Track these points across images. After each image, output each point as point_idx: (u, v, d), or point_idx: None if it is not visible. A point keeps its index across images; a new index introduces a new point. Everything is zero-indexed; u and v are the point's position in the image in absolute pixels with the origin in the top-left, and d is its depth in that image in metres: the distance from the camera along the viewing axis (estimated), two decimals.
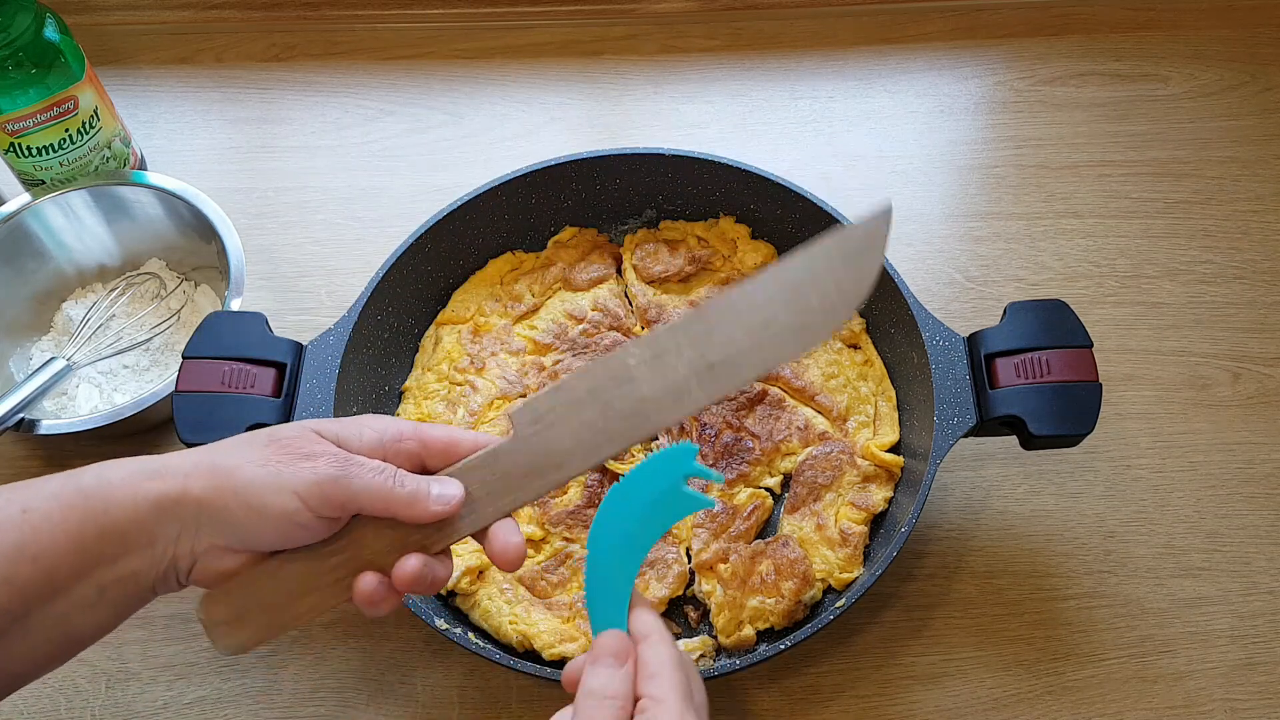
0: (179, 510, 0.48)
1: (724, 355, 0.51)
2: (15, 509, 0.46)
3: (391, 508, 0.50)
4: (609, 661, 0.48)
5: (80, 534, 0.46)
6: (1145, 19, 1.03)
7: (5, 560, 0.45)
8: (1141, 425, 0.79)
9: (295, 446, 0.49)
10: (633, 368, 0.52)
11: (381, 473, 0.50)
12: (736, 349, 0.51)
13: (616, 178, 0.81)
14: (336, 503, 0.49)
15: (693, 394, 0.51)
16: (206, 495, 0.48)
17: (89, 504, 0.47)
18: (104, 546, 0.47)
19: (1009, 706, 0.68)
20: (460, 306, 0.80)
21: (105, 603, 0.48)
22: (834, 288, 0.50)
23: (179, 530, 0.48)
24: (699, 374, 0.51)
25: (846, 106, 0.98)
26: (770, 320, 0.50)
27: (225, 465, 0.48)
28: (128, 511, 0.47)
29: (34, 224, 0.82)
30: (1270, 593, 0.72)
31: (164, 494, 0.47)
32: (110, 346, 0.80)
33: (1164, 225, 0.90)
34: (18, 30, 0.75)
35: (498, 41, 1.03)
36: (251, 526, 0.48)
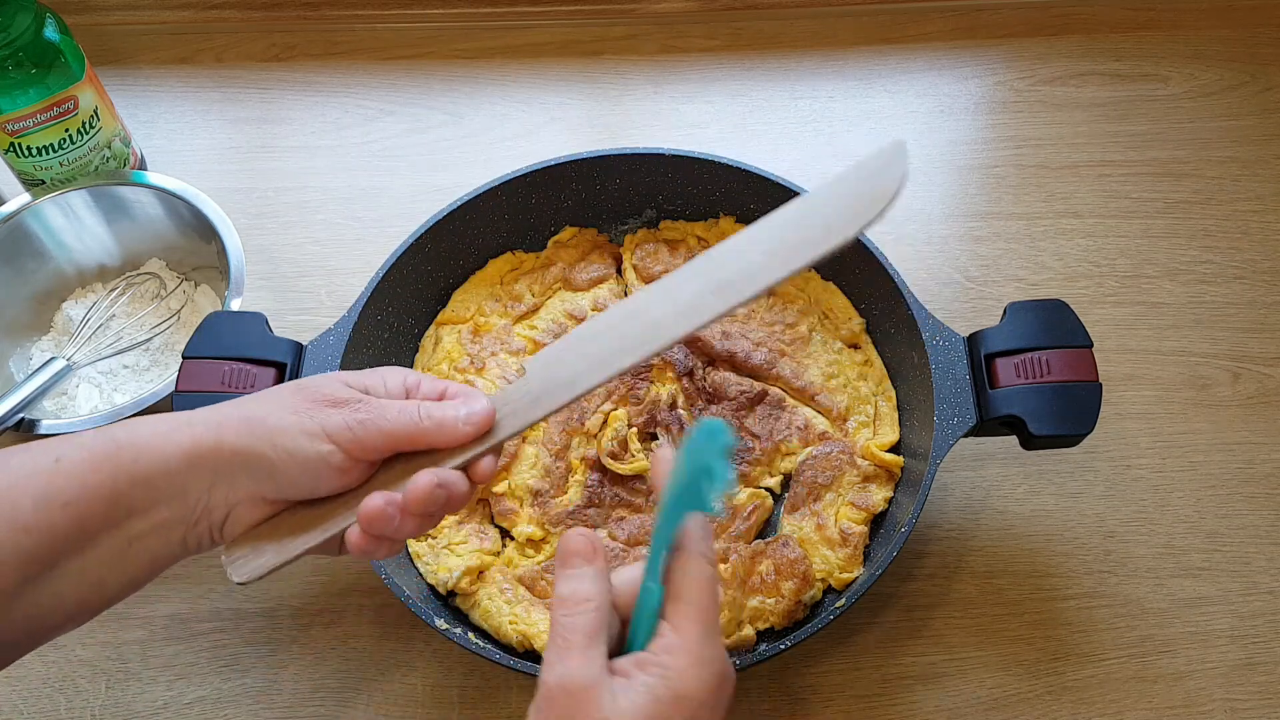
0: (213, 460, 0.48)
1: (736, 272, 0.50)
2: (49, 458, 0.47)
3: (424, 438, 0.50)
4: (575, 562, 0.46)
5: (112, 483, 0.47)
6: (1145, 19, 1.03)
7: (36, 506, 0.45)
8: (1141, 425, 0.79)
9: (324, 394, 0.50)
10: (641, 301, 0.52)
11: (407, 407, 0.50)
12: (748, 265, 0.50)
13: (616, 178, 0.81)
14: (369, 443, 0.49)
15: (707, 304, 0.50)
16: (241, 443, 0.48)
17: (120, 453, 0.47)
18: (135, 495, 0.47)
19: (1009, 706, 0.68)
20: (460, 306, 0.80)
21: (135, 555, 0.48)
22: (847, 205, 0.48)
23: (212, 480, 0.48)
24: (711, 289, 0.50)
25: (846, 106, 0.98)
26: (783, 238, 0.50)
27: (257, 414, 0.49)
28: (159, 461, 0.47)
29: (34, 224, 0.82)
30: (1270, 593, 0.72)
31: (196, 443, 0.48)
32: (110, 346, 0.80)
33: (1164, 225, 0.90)
34: (18, 30, 0.75)
35: (498, 41, 1.03)
36: (287, 472, 0.49)
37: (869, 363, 0.77)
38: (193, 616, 0.72)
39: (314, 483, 0.49)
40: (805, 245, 0.48)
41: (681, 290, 0.51)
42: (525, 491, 0.72)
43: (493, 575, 0.69)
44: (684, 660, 0.43)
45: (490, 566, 0.70)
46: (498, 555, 0.71)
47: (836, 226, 0.48)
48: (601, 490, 0.72)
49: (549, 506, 0.72)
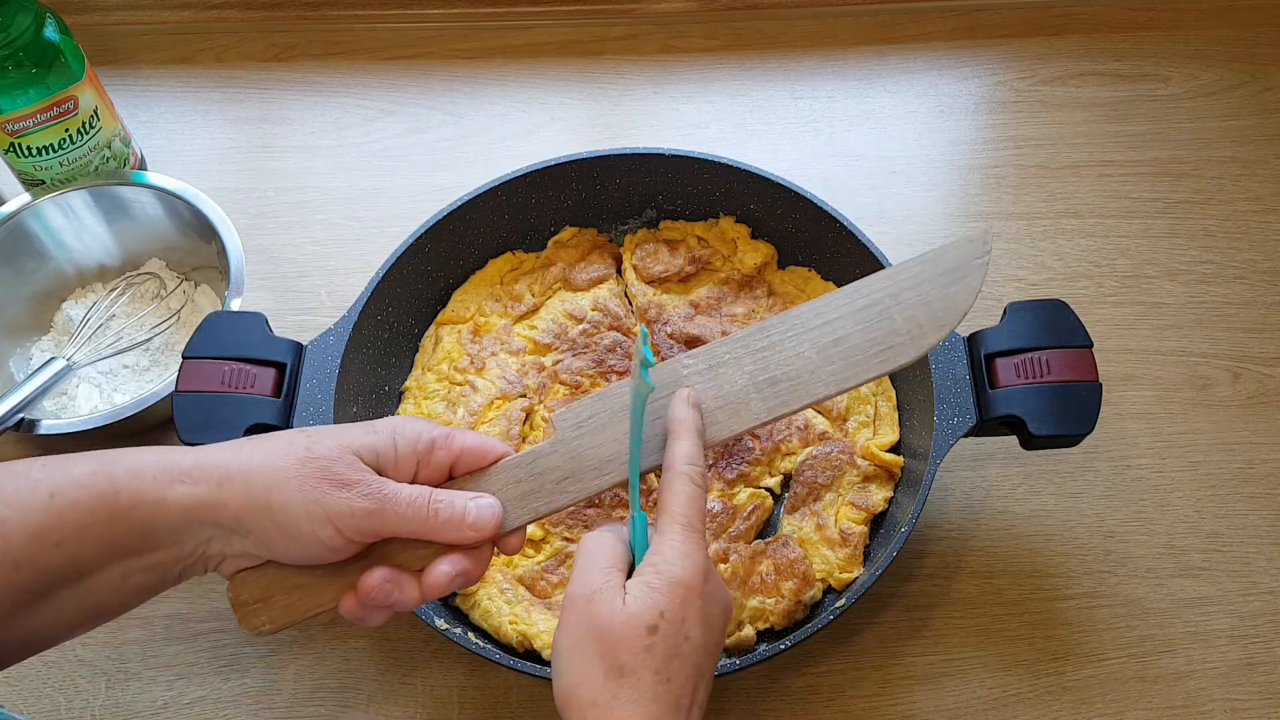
0: (213, 518, 0.48)
1: (788, 371, 0.48)
2: (43, 492, 0.46)
3: (428, 534, 0.50)
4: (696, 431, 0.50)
5: (107, 527, 0.46)
6: (1145, 19, 1.03)
7: (29, 543, 0.45)
8: (1141, 425, 0.79)
9: (334, 472, 0.48)
10: (685, 376, 0.50)
11: (415, 501, 0.50)
12: (803, 364, 0.48)
13: (616, 178, 0.81)
14: (372, 533, 0.49)
15: (751, 407, 0.49)
16: (241, 510, 0.47)
17: (118, 498, 0.47)
18: (130, 541, 0.47)
19: (1009, 706, 0.68)
20: (460, 306, 0.80)
21: (130, 586, 0.48)
22: (923, 308, 0.46)
23: (210, 534, 0.48)
24: (759, 386, 0.48)
25: (846, 106, 0.98)
26: (842, 338, 0.47)
27: (260, 482, 0.48)
28: (157, 513, 0.47)
29: (34, 224, 0.82)
30: (1270, 593, 0.72)
31: (196, 501, 0.47)
32: (110, 346, 0.80)
33: (1164, 225, 0.90)
34: (18, 30, 0.75)
35: (498, 41, 1.03)
36: (282, 546, 0.49)
37: None
38: (193, 616, 0.72)
39: (309, 558, 0.49)
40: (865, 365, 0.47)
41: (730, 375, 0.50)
42: None
43: (493, 575, 0.69)
44: (670, 554, 0.48)
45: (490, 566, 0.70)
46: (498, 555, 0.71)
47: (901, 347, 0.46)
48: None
49: None
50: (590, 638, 0.47)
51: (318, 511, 0.47)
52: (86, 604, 0.48)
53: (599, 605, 0.48)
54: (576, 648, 0.47)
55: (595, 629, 0.47)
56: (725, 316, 0.79)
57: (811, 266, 0.81)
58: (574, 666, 0.47)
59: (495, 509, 0.52)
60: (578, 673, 0.47)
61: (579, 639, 0.47)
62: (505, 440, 0.73)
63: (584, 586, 0.49)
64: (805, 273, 0.81)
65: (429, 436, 0.52)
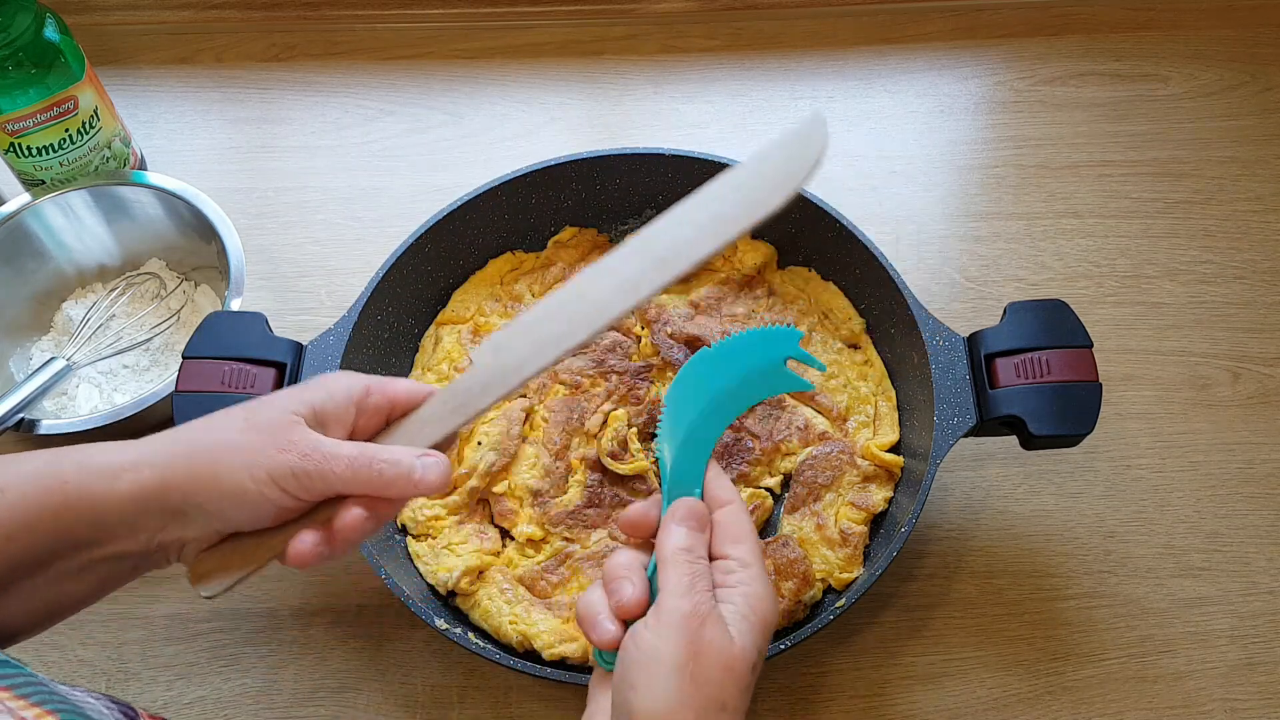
0: (160, 503, 0.48)
1: (671, 248, 0.51)
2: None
3: (375, 492, 0.50)
4: (694, 525, 0.52)
5: (55, 520, 0.47)
6: (1145, 19, 1.03)
7: None
8: (1141, 425, 0.79)
9: (273, 432, 0.49)
10: (583, 282, 0.53)
11: (356, 462, 0.49)
12: (682, 240, 0.51)
13: (616, 178, 0.81)
14: (318, 492, 0.49)
15: (646, 279, 0.51)
16: (186, 487, 0.48)
17: (66, 490, 0.47)
18: (82, 533, 0.47)
19: (1009, 706, 0.68)
20: (460, 306, 0.80)
21: (89, 580, 0.49)
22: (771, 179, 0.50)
23: (163, 520, 0.48)
24: (650, 266, 0.51)
25: (846, 106, 0.98)
26: (713, 213, 0.51)
27: (204, 458, 0.48)
28: (107, 502, 0.47)
29: (34, 224, 0.82)
30: (1270, 593, 0.72)
31: (143, 488, 0.47)
32: (110, 346, 0.80)
33: (1164, 225, 0.90)
34: (18, 30, 0.75)
35: (498, 41, 1.03)
36: (235, 514, 0.49)
37: (869, 363, 0.77)
38: (193, 616, 0.72)
39: (261, 520, 0.49)
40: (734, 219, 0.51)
41: (622, 268, 0.52)
42: (525, 491, 0.72)
43: (493, 575, 0.69)
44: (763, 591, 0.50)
45: (490, 566, 0.70)
46: (498, 555, 0.71)
47: (762, 200, 0.50)
48: (601, 490, 0.72)
49: (549, 506, 0.72)
50: (699, 663, 0.46)
51: (261, 475, 0.48)
52: (47, 598, 0.48)
53: (711, 632, 0.47)
54: (684, 669, 0.46)
55: (707, 657, 0.47)
56: (725, 316, 0.79)
57: (811, 266, 0.81)
58: (678, 688, 0.46)
59: (442, 464, 0.52)
60: (677, 694, 0.46)
61: (687, 660, 0.46)
62: (505, 440, 0.73)
63: (692, 605, 0.48)
64: (805, 273, 0.81)
65: (362, 384, 0.53)
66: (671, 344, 0.77)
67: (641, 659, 0.47)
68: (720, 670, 0.47)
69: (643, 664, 0.47)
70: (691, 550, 0.50)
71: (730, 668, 0.47)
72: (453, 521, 0.71)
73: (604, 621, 0.50)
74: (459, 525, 0.71)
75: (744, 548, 0.51)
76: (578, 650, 0.65)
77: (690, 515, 0.52)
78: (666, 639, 0.47)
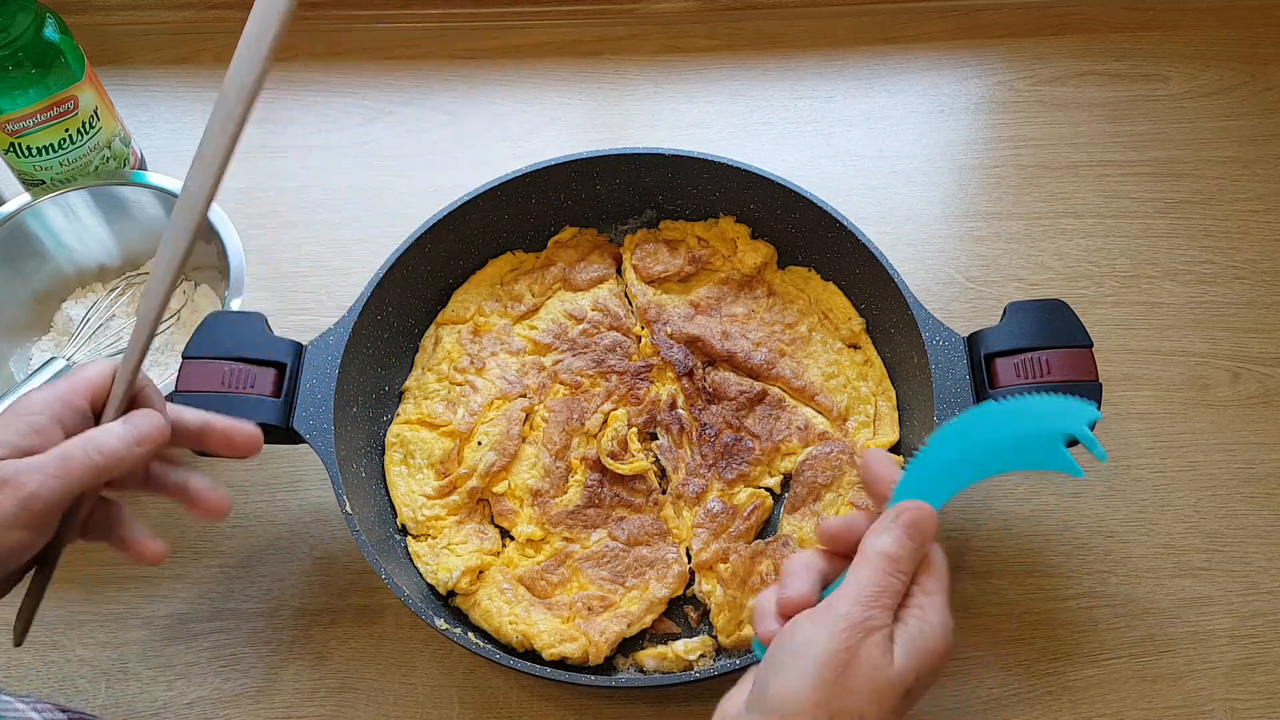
0: None
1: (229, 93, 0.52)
2: None
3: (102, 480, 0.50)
4: (915, 535, 0.49)
5: None
6: (1145, 19, 1.03)
7: None
8: (1141, 425, 0.79)
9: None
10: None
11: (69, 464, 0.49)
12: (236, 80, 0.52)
13: (616, 178, 0.81)
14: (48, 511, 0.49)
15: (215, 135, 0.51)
16: None
17: None
18: None
19: (1009, 706, 0.68)
20: (460, 306, 0.80)
21: None
22: None
23: None
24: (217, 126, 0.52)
25: (846, 106, 0.98)
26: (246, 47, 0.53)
27: None
28: None
29: (34, 224, 0.82)
30: (1270, 593, 0.72)
31: None
32: (110, 346, 0.80)
33: (1164, 225, 0.90)
34: (18, 30, 0.75)
35: (498, 41, 1.03)
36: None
37: (869, 363, 0.77)
38: (193, 616, 0.72)
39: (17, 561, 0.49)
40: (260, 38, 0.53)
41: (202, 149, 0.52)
42: (525, 491, 0.72)
43: (493, 575, 0.69)
44: (938, 620, 0.48)
45: (490, 566, 0.70)
46: (498, 555, 0.71)
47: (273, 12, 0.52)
48: (601, 490, 0.72)
49: (549, 506, 0.72)
50: (849, 670, 0.45)
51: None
52: None
53: (871, 647, 0.46)
54: (830, 668, 0.45)
55: (858, 667, 0.45)
56: (725, 316, 0.79)
57: (811, 266, 0.81)
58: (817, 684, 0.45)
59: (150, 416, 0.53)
60: (815, 690, 0.45)
61: (837, 662, 0.45)
62: (505, 440, 0.73)
63: (864, 615, 0.46)
64: (805, 273, 0.81)
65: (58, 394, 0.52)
66: (671, 344, 0.77)
67: (794, 645, 0.47)
68: (868, 685, 0.45)
69: (794, 650, 0.46)
70: (897, 561, 0.48)
71: (879, 688, 0.45)
72: (453, 521, 0.71)
73: (768, 619, 0.50)
74: (459, 525, 0.71)
75: (935, 582, 0.49)
76: (578, 650, 0.65)
77: (915, 524, 0.49)
78: (824, 635, 0.46)
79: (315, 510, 0.76)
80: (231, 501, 0.57)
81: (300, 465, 0.78)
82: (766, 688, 0.46)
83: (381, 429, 0.76)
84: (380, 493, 0.73)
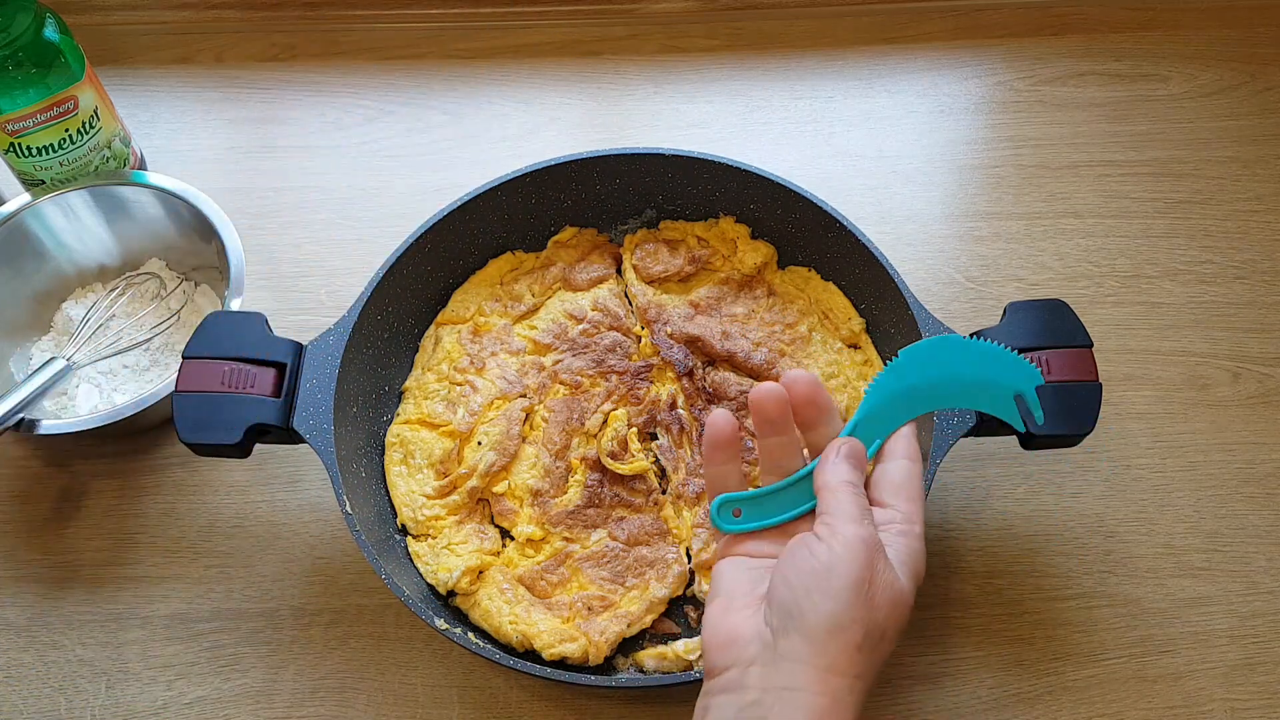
0: None
1: None
2: None
3: None
4: (855, 463, 0.52)
5: None
6: (1145, 19, 1.03)
7: None
8: (1141, 425, 0.79)
9: None
10: None
11: None
12: None
13: (616, 178, 0.81)
14: None
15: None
16: None
17: None
18: None
19: (1009, 706, 0.68)
20: (460, 306, 0.80)
21: None
22: None
23: None
24: None
25: (846, 106, 0.98)
26: None
27: None
28: None
29: (34, 224, 0.82)
30: (1270, 593, 0.72)
31: None
32: (110, 346, 0.80)
33: (1164, 225, 0.90)
34: (18, 30, 0.75)
35: (498, 41, 1.03)
36: None
37: (869, 363, 0.77)
38: (193, 616, 0.72)
39: None
40: None
41: None
42: (525, 491, 0.72)
43: (493, 575, 0.69)
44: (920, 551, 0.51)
45: (490, 566, 0.70)
46: (498, 555, 0.71)
47: None
48: (601, 490, 0.72)
49: (549, 506, 0.72)
50: (873, 588, 0.47)
51: None
52: None
53: (883, 565, 0.48)
54: (860, 588, 0.47)
55: (879, 585, 0.48)
56: (725, 316, 0.79)
57: (811, 266, 0.81)
58: (852, 603, 0.47)
59: None
60: (850, 609, 0.47)
61: (863, 581, 0.47)
62: (505, 440, 0.73)
63: (869, 532, 0.49)
64: (805, 273, 0.81)
65: None
66: (671, 344, 0.77)
67: (818, 568, 0.48)
68: (889, 602, 0.48)
69: (819, 573, 0.48)
70: (855, 484, 0.51)
71: (895, 602, 0.48)
72: (453, 521, 0.71)
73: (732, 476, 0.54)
74: (459, 525, 0.71)
75: (914, 507, 0.52)
76: (578, 650, 0.65)
77: (853, 454, 0.52)
78: (844, 557, 0.48)
79: (315, 510, 0.76)
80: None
81: (300, 465, 0.78)
82: (802, 610, 0.47)
83: (381, 429, 0.76)
84: (380, 493, 0.73)
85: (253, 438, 0.66)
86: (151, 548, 0.75)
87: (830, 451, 0.52)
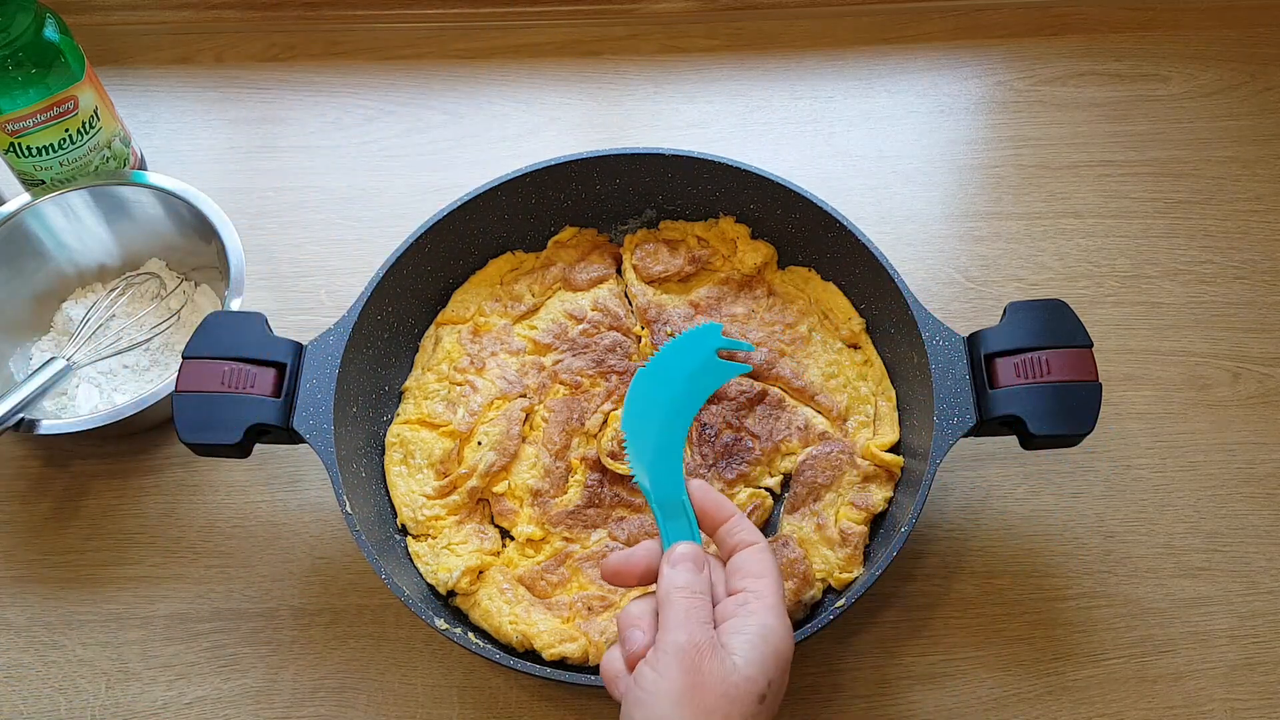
0: None
1: None
2: None
3: None
4: (690, 567, 0.52)
5: None
6: (1145, 19, 1.03)
7: None
8: (1141, 425, 0.79)
9: None
10: None
11: None
12: None
13: (616, 178, 0.81)
14: None
15: None
16: None
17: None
18: None
19: (1009, 706, 0.68)
20: (460, 306, 0.80)
21: None
22: None
23: None
24: None
25: (846, 106, 0.98)
26: None
27: None
28: None
29: (34, 224, 0.82)
30: (1270, 593, 0.72)
31: None
32: (110, 346, 0.80)
33: (1164, 225, 0.90)
34: (18, 30, 0.75)
35: (498, 41, 1.03)
36: None
37: (869, 363, 0.77)
38: (193, 616, 0.72)
39: None
40: None
41: None
42: (525, 491, 0.72)
43: (493, 575, 0.69)
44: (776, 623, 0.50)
45: (490, 566, 0.70)
46: (498, 555, 0.71)
47: None
48: (601, 490, 0.72)
49: (549, 506, 0.72)
50: (700, 693, 0.47)
51: None
52: None
53: (711, 663, 0.48)
54: (684, 701, 0.47)
55: (708, 687, 0.47)
56: (725, 316, 0.79)
57: (811, 266, 0.81)
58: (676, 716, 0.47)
59: None
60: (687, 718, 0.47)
61: (687, 691, 0.47)
62: (505, 440, 0.73)
63: (687, 635, 0.49)
64: (805, 273, 0.81)
65: None
66: None
67: (644, 696, 0.48)
68: (723, 700, 0.47)
69: (644, 701, 0.48)
70: (688, 587, 0.51)
71: (733, 697, 0.47)
72: (453, 521, 0.71)
73: (621, 679, 0.51)
74: (459, 525, 0.71)
75: (764, 582, 0.51)
76: (578, 650, 0.65)
77: (685, 557, 0.53)
78: (665, 673, 0.48)
79: (315, 510, 0.76)
80: None
81: (300, 465, 0.78)
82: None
83: (381, 429, 0.76)
84: (380, 493, 0.73)
85: (253, 438, 0.66)
86: (151, 548, 0.75)
87: (663, 562, 0.53)
